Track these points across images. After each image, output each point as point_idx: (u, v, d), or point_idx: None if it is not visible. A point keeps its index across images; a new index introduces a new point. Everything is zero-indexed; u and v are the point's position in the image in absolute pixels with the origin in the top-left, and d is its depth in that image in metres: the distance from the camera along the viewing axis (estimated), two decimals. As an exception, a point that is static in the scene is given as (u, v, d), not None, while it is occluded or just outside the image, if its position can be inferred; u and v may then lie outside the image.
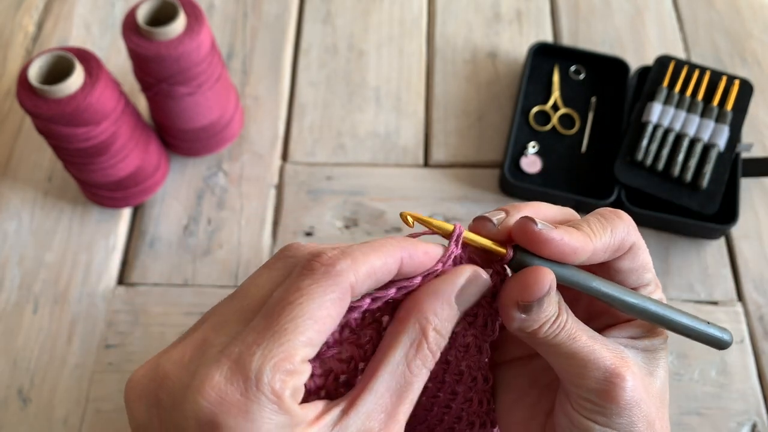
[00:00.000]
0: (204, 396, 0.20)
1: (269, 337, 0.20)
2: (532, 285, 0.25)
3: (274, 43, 0.70)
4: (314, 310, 0.21)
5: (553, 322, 0.26)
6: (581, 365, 0.26)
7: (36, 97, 0.50)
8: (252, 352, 0.20)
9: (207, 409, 0.20)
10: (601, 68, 0.67)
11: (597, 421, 0.26)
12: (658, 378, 0.28)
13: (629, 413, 0.26)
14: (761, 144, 0.64)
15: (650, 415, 0.26)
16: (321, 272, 0.22)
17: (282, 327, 0.21)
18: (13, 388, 0.53)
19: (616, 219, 0.28)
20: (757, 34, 0.71)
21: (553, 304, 0.26)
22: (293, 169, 0.63)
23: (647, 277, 0.29)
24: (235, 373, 0.20)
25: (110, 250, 0.59)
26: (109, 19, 0.72)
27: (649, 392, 0.27)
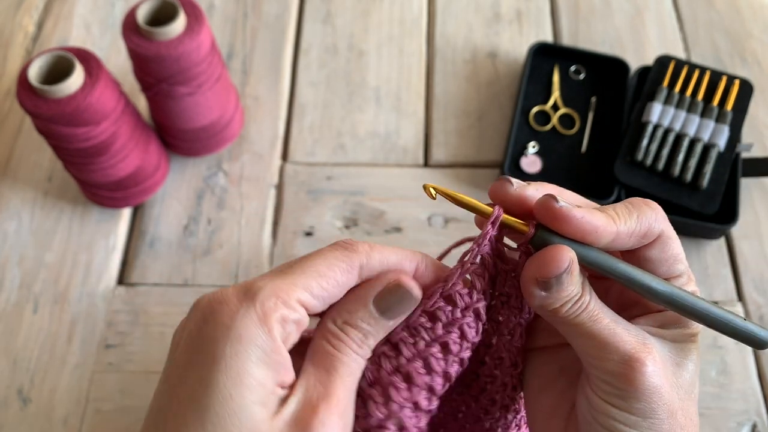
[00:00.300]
0: (214, 297, 0.24)
1: (280, 274, 0.25)
2: (550, 262, 0.25)
3: (274, 43, 0.70)
4: (323, 268, 0.25)
5: (575, 303, 0.26)
6: (601, 347, 0.26)
7: (36, 97, 0.50)
8: (263, 280, 0.24)
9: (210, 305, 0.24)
10: (601, 68, 0.67)
11: (615, 404, 0.26)
12: (686, 370, 0.27)
13: (648, 399, 0.26)
14: (761, 144, 0.64)
15: (672, 404, 0.26)
16: (341, 246, 0.26)
17: (293, 271, 0.25)
18: (13, 388, 0.53)
19: (645, 206, 0.28)
20: (757, 34, 0.71)
21: (574, 284, 0.26)
22: (293, 169, 0.63)
23: (679, 268, 0.28)
24: (243, 288, 0.24)
25: (110, 250, 0.59)
26: (109, 19, 0.72)
27: (673, 382, 0.27)
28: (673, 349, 0.27)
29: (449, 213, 0.61)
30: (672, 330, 0.28)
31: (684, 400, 0.27)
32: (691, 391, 0.28)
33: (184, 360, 0.24)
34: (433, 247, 0.59)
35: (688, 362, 0.27)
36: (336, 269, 0.25)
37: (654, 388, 0.26)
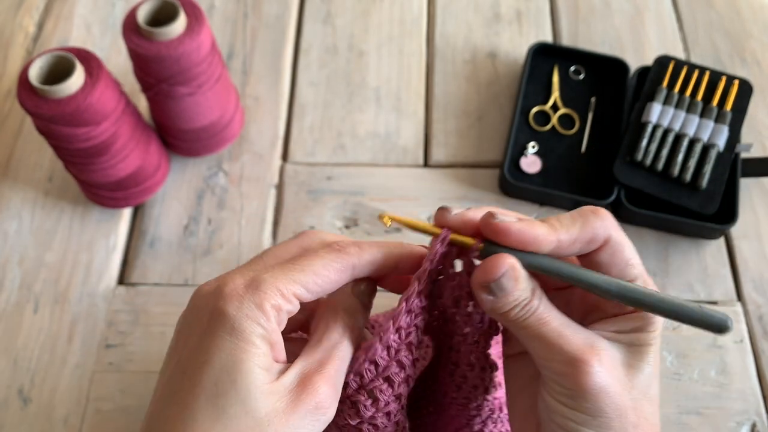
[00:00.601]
0: (219, 293, 0.27)
1: (282, 271, 0.28)
2: (490, 268, 0.28)
3: (275, 43, 0.70)
4: (319, 268, 0.29)
5: (523, 307, 0.28)
6: (548, 348, 0.28)
7: (36, 98, 0.50)
8: (266, 272, 0.28)
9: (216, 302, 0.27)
10: (600, 68, 0.67)
11: (566, 403, 0.28)
12: (641, 372, 0.29)
13: (594, 398, 0.27)
14: (761, 144, 0.65)
15: (621, 403, 0.28)
16: (335, 249, 0.30)
17: (293, 268, 0.28)
18: (13, 388, 0.53)
19: (591, 214, 0.29)
20: (756, 35, 0.71)
21: (520, 289, 0.28)
22: (293, 169, 0.63)
23: (631, 272, 0.30)
24: (250, 280, 0.28)
25: (111, 250, 0.59)
26: (109, 19, 0.73)
27: (625, 382, 0.28)
28: (627, 353, 0.29)
29: (449, 213, 0.61)
30: (628, 335, 0.29)
31: (638, 400, 0.28)
32: (647, 392, 0.29)
33: (199, 335, 0.27)
34: (433, 247, 0.59)
35: (643, 365, 0.29)
36: (331, 269, 0.29)
37: (600, 387, 0.27)
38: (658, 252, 0.59)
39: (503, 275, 0.28)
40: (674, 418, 0.52)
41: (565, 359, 0.28)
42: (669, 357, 0.54)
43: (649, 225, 0.60)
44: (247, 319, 0.26)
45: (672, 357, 0.54)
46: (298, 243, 0.32)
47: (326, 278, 0.29)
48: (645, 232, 0.60)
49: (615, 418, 0.28)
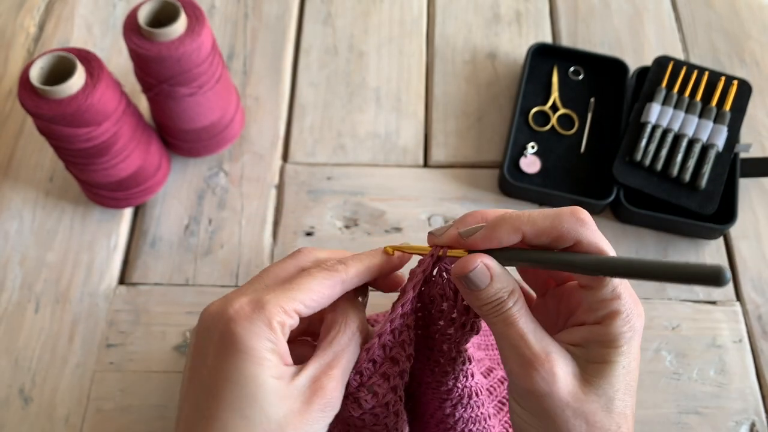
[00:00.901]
0: (228, 314, 0.31)
1: (282, 290, 0.32)
2: (463, 263, 0.32)
3: (275, 44, 0.71)
4: (314, 286, 0.32)
5: (495, 306, 0.31)
6: (509, 347, 0.31)
7: (37, 98, 0.50)
8: (268, 294, 0.31)
9: (227, 324, 0.30)
10: (600, 69, 0.67)
11: (519, 403, 0.32)
12: (595, 386, 0.30)
13: (539, 401, 0.30)
14: (760, 144, 0.65)
15: (564, 410, 0.30)
16: (324, 269, 0.33)
17: (291, 288, 0.32)
18: (14, 388, 0.53)
19: (567, 215, 0.31)
20: (755, 35, 0.71)
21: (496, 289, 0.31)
22: (294, 170, 0.64)
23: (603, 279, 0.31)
24: (253, 301, 0.31)
25: (111, 250, 0.59)
26: (110, 19, 0.73)
27: (573, 393, 0.30)
28: (585, 367, 0.31)
29: (449, 213, 0.61)
30: (590, 350, 0.31)
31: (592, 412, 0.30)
32: (607, 405, 0.30)
33: (215, 355, 0.30)
34: (432, 247, 0.59)
35: (601, 382, 0.31)
36: (324, 286, 0.33)
37: (545, 392, 0.30)
38: (657, 252, 0.59)
39: (475, 271, 0.31)
40: (674, 417, 0.52)
41: (520, 361, 0.31)
42: (668, 357, 0.54)
43: (648, 225, 0.60)
44: (257, 337, 0.30)
45: (671, 357, 0.54)
46: (294, 262, 0.35)
47: (321, 294, 0.33)
48: (644, 232, 0.60)
49: (561, 424, 0.30)
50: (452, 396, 0.37)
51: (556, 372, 0.30)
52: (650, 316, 0.56)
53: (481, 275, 0.31)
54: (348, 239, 0.60)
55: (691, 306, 0.57)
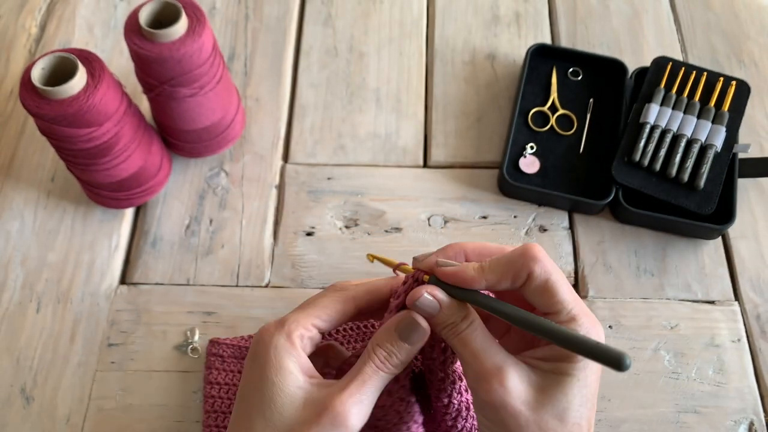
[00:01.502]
0: (260, 334, 0.36)
1: (301, 310, 0.37)
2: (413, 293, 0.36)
3: (276, 44, 0.71)
4: (327, 302, 0.38)
5: (450, 328, 0.35)
6: (465, 365, 0.35)
7: (39, 98, 0.50)
8: (290, 316, 0.37)
9: (260, 333, 0.36)
10: (598, 70, 0.67)
11: (480, 413, 0.35)
12: (553, 398, 0.33)
13: (495, 411, 0.33)
14: (758, 144, 0.65)
15: (522, 420, 0.33)
16: (336, 289, 0.39)
17: (308, 306, 0.37)
18: (16, 387, 0.53)
19: (516, 255, 0.35)
20: (754, 36, 0.72)
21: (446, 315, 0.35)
22: (294, 170, 0.64)
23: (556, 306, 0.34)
24: (278, 321, 0.37)
25: (113, 250, 0.59)
26: (111, 20, 0.73)
27: (530, 403, 0.33)
28: (544, 378, 0.34)
29: (448, 213, 0.62)
30: (550, 363, 0.34)
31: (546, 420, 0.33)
32: (562, 415, 0.33)
33: (248, 368, 0.36)
34: (432, 246, 0.59)
35: (556, 391, 0.33)
36: (335, 302, 0.38)
37: (498, 403, 0.33)
38: (655, 252, 0.59)
39: (421, 299, 0.35)
40: (672, 416, 0.52)
41: (475, 376, 0.34)
42: (667, 356, 0.54)
43: (646, 225, 0.60)
44: (278, 350, 0.35)
45: (670, 356, 0.54)
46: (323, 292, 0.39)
47: (333, 309, 0.37)
48: (643, 232, 0.60)
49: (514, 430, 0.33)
50: (450, 411, 0.39)
51: (507, 384, 0.33)
52: (648, 316, 0.56)
53: (429, 304, 0.35)
54: (348, 239, 0.60)
55: (689, 306, 0.57)
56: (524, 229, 0.61)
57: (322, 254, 0.59)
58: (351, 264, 0.59)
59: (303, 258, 0.59)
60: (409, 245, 0.60)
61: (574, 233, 0.61)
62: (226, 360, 0.53)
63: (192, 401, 0.53)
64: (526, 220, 0.61)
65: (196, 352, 0.54)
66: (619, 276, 0.58)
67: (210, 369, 0.52)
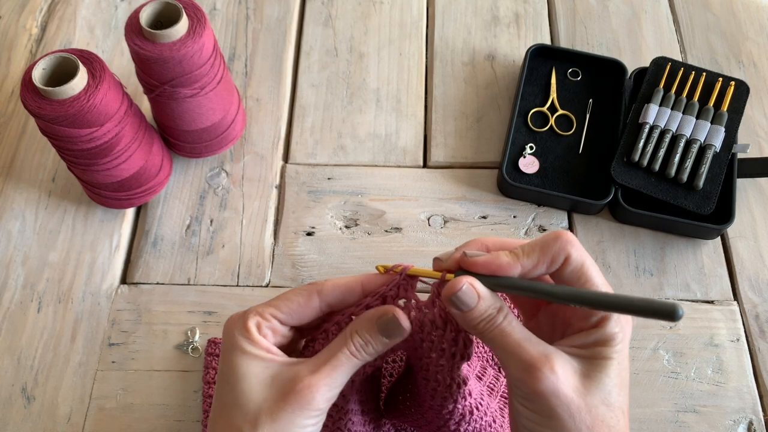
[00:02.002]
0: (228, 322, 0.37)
1: (264, 303, 0.37)
2: (451, 285, 0.34)
3: (276, 45, 0.71)
4: (290, 294, 0.37)
5: (488, 321, 0.34)
6: (508, 356, 0.33)
7: (40, 99, 0.50)
8: (252, 307, 0.37)
9: (226, 327, 0.37)
10: (598, 70, 0.68)
11: (526, 406, 0.33)
12: (598, 381, 0.33)
13: (546, 401, 0.32)
14: (757, 144, 0.65)
15: (574, 407, 0.32)
16: (304, 285, 0.38)
17: (273, 300, 0.38)
18: (17, 386, 0.53)
19: (551, 239, 0.34)
20: (752, 36, 0.72)
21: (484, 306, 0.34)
22: (294, 170, 0.64)
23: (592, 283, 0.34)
24: (241, 313, 0.37)
25: (114, 250, 0.60)
26: (112, 21, 0.73)
27: (577, 388, 0.32)
28: (586, 364, 0.33)
29: (448, 213, 0.62)
30: (589, 349, 0.34)
31: (594, 406, 0.32)
32: (606, 398, 0.33)
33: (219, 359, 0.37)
34: (432, 246, 0.60)
35: (601, 375, 0.33)
36: (297, 295, 0.37)
37: (550, 391, 0.32)
38: (655, 252, 0.59)
39: (461, 291, 0.34)
40: (671, 416, 0.52)
41: (522, 366, 0.33)
42: (666, 355, 0.55)
43: (646, 225, 0.60)
44: (235, 336, 0.36)
45: (669, 355, 0.55)
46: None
47: (295, 302, 0.37)
48: (642, 232, 0.61)
49: (567, 419, 0.32)
50: (454, 416, 0.39)
51: (557, 371, 0.32)
52: (648, 316, 0.56)
53: (469, 295, 0.34)
54: (348, 239, 0.60)
55: (689, 305, 0.57)
56: (524, 229, 0.61)
57: (323, 254, 0.59)
58: (351, 264, 0.59)
59: (303, 258, 0.59)
60: (409, 245, 0.60)
61: (574, 233, 0.61)
62: None
63: (192, 401, 0.53)
64: (525, 220, 0.61)
65: (196, 352, 0.55)
66: (619, 276, 0.58)
67: (208, 369, 0.53)
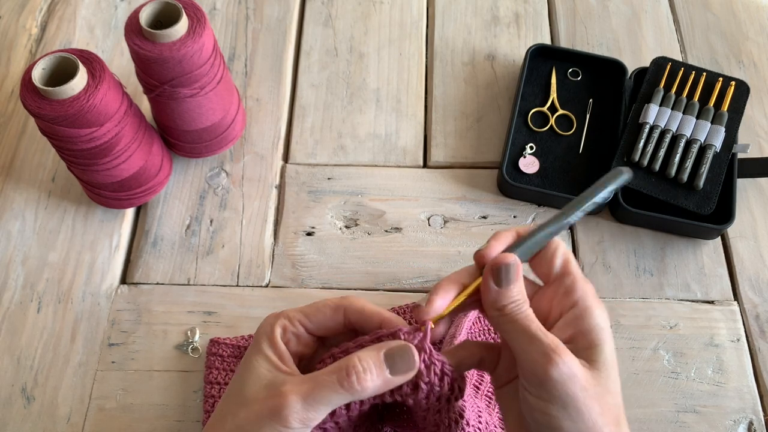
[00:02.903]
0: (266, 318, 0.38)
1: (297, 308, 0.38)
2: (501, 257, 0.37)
3: (276, 45, 0.71)
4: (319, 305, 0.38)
5: (518, 305, 0.36)
6: (530, 340, 0.34)
7: (40, 99, 0.50)
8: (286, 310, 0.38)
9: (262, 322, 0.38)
10: (598, 70, 0.68)
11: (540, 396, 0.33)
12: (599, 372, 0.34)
13: (563, 386, 0.33)
14: (757, 144, 0.65)
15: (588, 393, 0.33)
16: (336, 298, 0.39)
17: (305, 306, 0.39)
18: (17, 386, 0.53)
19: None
20: (752, 36, 0.72)
21: (519, 288, 0.36)
22: (294, 170, 0.64)
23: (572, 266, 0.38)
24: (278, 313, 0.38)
25: (113, 250, 0.60)
26: (112, 21, 0.73)
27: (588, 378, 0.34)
28: (584, 355, 0.35)
29: (448, 213, 0.62)
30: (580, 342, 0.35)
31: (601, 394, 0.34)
32: (608, 386, 0.34)
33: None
34: (432, 246, 0.60)
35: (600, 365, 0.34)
36: (327, 307, 0.38)
37: (567, 375, 0.33)
38: (655, 252, 0.59)
39: (512, 263, 0.36)
40: (671, 416, 0.52)
41: (542, 350, 0.33)
42: (666, 355, 0.55)
43: (646, 225, 0.60)
44: (263, 337, 0.37)
45: (669, 355, 0.55)
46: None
47: (323, 313, 0.38)
48: (642, 232, 0.61)
49: (580, 405, 0.33)
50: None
51: (572, 360, 0.33)
52: (648, 315, 0.56)
53: (514, 270, 0.36)
54: (348, 239, 0.60)
55: (689, 305, 0.57)
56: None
57: (323, 254, 0.59)
58: (351, 264, 0.59)
59: (303, 258, 0.59)
60: (409, 245, 0.60)
61: (574, 233, 0.61)
62: (226, 360, 0.53)
63: (192, 401, 0.53)
64: (525, 220, 0.61)
65: (196, 352, 0.54)
66: (619, 276, 0.58)
67: (210, 369, 0.53)
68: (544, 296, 0.38)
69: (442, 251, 0.60)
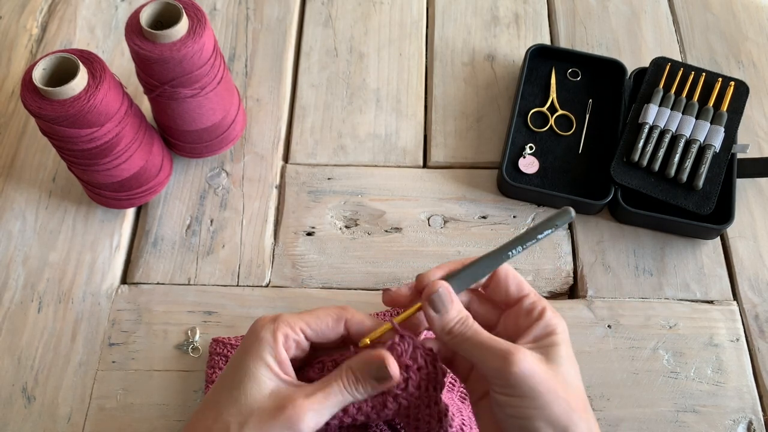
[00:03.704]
0: (256, 322, 0.39)
1: (296, 314, 0.39)
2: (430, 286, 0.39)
3: (276, 45, 0.71)
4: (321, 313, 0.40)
5: (462, 323, 0.39)
6: (485, 350, 0.37)
7: (40, 99, 0.50)
8: (284, 315, 0.39)
9: (252, 326, 0.39)
10: (597, 70, 0.68)
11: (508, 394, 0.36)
12: (558, 364, 0.37)
13: (525, 381, 0.35)
14: (756, 145, 0.65)
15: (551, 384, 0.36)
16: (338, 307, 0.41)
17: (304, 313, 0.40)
18: (17, 386, 0.53)
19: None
20: (752, 36, 0.72)
21: (458, 309, 0.39)
22: (294, 170, 0.64)
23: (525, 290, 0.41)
24: (273, 317, 0.39)
25: (114, 250, 0.60)
26: (112, 21, 0.73)
27: (547, 371, 0.36)
28: (543, 352, 0.38)
29: (448, 213, 0.62)
30: (540, 342, 0.38)
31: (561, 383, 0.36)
32: (567, 378, 0.37)
33: (235, 352, 0.39)
34: (432, 246, 0.60)
35: (558, 358, 0.37)
36: (328, 317, 0.40)
37: (527, 371, 0.35)
38: (654, 252, 0.60)
39: (438, 292, 0.39)
40: (671, 416, 0.52)
41: (498, 355, 0.36)
42: (666, 355, 0.55)
43: (645, 225, 0.60)
44: (261, 341, 0.37)
45: (668, 355, 0.55)
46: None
47: (324, 321, 0.39)
48: (642, 232, 0.61)
49: (546, 394, 0.35)
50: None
51: (528, 356, 0.36)
52: (647, 315, 0.56)
53: (446, 295, 0.39)
54: (348, 239, 0.60)
55: (688, 305, 0.57)
56: (523, 229, 0.61)
57: (323, 254, 0.60)
58: (351, 264, 0.59)
59: (303, 258, 0.59)
60: (409, 245, 0.60)
61: (573, 233, 0.61)
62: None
63: (193, 401, 0.53)
64: (525, 220, 0.61)
65: (196, 352, 0.55)
66: (618, 276, 0.58)
67: (213, 368, 0.53)
68: (508, 319, 0.41)
69: (441, 251, 0.60)
